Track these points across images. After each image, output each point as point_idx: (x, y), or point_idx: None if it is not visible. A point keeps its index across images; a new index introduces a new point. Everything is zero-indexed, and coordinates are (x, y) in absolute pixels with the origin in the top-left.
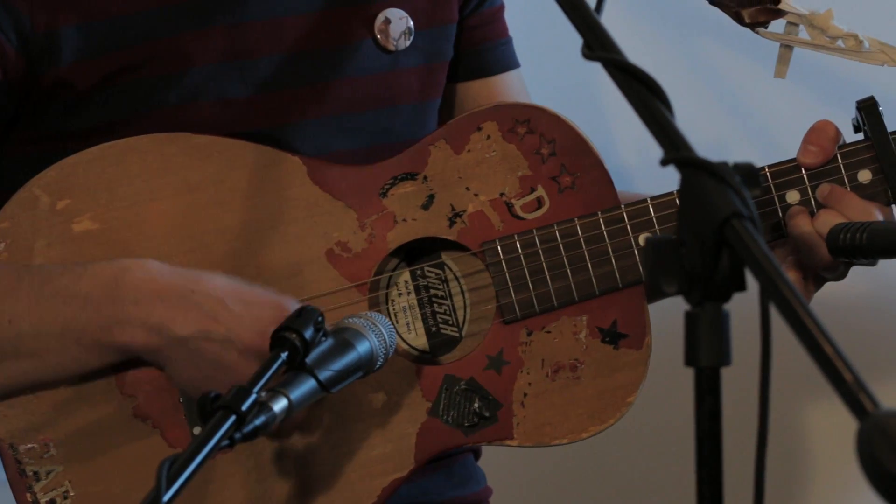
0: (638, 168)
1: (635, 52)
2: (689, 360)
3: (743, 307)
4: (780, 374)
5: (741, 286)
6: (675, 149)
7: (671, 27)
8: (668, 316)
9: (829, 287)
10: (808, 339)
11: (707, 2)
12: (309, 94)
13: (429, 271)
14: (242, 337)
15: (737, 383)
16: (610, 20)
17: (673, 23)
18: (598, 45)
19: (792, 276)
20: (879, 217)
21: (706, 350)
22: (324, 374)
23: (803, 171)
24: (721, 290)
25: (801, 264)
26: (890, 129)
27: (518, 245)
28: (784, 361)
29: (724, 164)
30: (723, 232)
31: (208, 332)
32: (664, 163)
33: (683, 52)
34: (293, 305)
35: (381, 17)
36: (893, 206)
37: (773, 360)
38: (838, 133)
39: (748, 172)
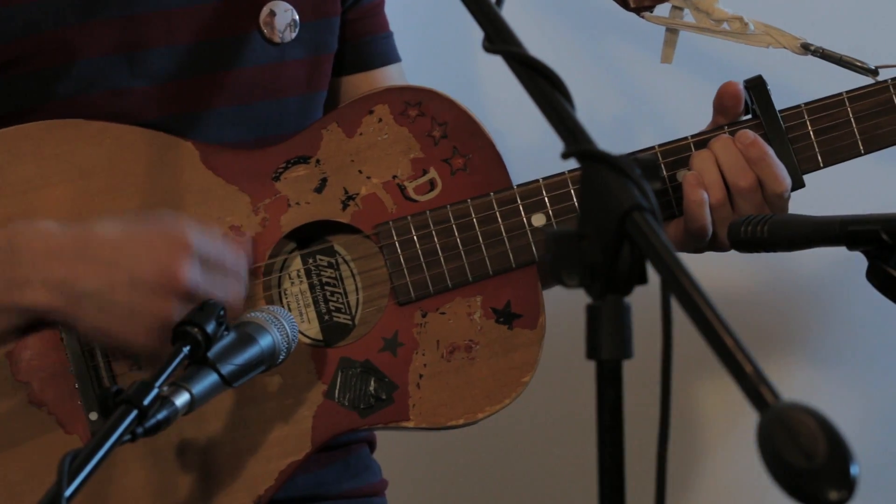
0: (527, 165)
1: (526, 45)
2: (591, 353)
3: (644, 300)
4: (682, 367)
5: (642, 279)
6: (575, 142)
7: (557, 17)
8: (569, 309)
9: (730, 279)
10: (709, 331)
11: None
12: (198, 85)
13: (319, 257)
14: (145, 276)
15: (638, 376)
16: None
17: (559, 13)
18: (499, 38)
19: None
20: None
21: (607, 343)
22: (226, 369)
23: (693, 150)
24: (622, 283)
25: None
26: (777, 108)
27: (411, 226)
28: (685, 354)
29: (624, 157)
30: (624, 225)
31: (112, 280)
32: (565, 156)
33: (573, 43)
34: (187, 229)
35: (266, 10)
36: None
37: (675, 352)
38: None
39: (649, 165)
